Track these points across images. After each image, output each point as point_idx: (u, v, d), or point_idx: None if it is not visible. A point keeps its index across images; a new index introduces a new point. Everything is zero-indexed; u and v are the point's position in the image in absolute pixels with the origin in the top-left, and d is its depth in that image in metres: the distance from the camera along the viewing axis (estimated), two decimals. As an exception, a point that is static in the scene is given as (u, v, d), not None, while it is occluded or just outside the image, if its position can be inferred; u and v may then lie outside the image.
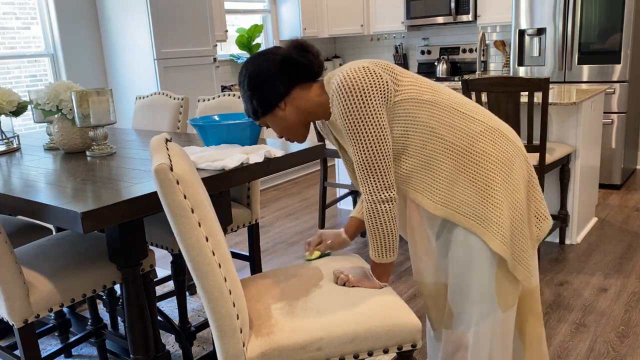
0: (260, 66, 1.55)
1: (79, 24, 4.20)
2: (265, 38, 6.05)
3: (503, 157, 1.55)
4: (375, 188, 1.49)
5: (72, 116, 2.19)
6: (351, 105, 1.45)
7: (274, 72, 1.54)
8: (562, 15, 4.48)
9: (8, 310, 1.60)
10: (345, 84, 1.46)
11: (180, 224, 1.25)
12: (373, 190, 1.49)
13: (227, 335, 1.33)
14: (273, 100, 1.56)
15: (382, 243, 1.53)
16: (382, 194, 1.49)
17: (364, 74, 1.47)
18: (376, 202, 1.49)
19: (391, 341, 1.45)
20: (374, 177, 1.49)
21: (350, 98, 1.45)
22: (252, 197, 2.49)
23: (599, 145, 3.87)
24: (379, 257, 1.55)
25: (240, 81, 1.59)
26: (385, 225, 1.51)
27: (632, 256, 3.23)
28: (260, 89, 1.55)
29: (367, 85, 1.46)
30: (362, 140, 1.47)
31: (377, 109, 1.47)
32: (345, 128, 1.48)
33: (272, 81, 1.54)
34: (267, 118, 1.60)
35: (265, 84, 1.54)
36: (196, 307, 2.93)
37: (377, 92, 1.47)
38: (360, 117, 1.45)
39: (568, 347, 2.36)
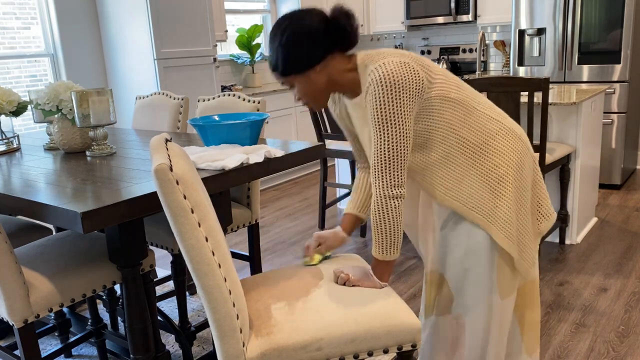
0: (306, 23, 1.49)
1: (79, 24, 4.20)
2: (265, 38, 6.05)
3: (515, 156, 1.60)
4: (389, 183, 1.50)
5: (72, 116, 2.19)
6: (388, 101, 1.45)
7: (320, 33, 1.50)
8: (562, 15, 4.48)
9: (8, 310, 1.60)
10: (387, 79, 1.45)
11: (180, 224, 1.25)
12: (385, 186, 1.50)
13: (227, 335, 1.33)
14: (310, 62, 1.51)
15: (387, 240, 1.53)
16: (393, 190, 1.50)
17: (406, 72, 1.47)
18: (387, 197, 1.50)
19: (391, 341, 1.45)
20: (390, 172, 1.50)
21: (390, 93, 1.45)
22: (252, 197, 2.50)
23: (599, 145, 3.87)
24: (382, 254, 1.55)
25: (276, 33, 1.51)
26: (392, 222, 1.52)
27: (632, 256, 3.23)
28: (300, 47, 1.49)
29: (407, 84, 1.46)
30: (387, 136, 1.48)
31: (409, 108, 1.48)
32: (375, 120, 1.48)
33: (314, 42, 1.50)
34: (296, 78, 1.54)
35: (307, 44, 1.49)
36: (196, 307, 2.93)
37: (414, 91, 1.48)
38: (392, 114, 1.46)
39: (568, 347, 2.36)
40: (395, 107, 1.46)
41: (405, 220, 1.84)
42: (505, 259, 1.62)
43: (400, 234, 1.55)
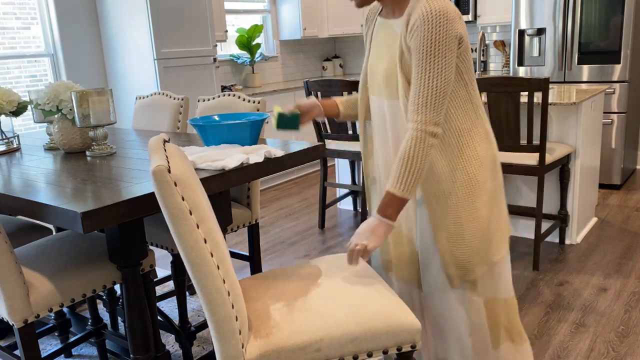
0: None
1: (79, 24, 4.20)
2: (265, 38, 6.05)
3: (494, 160, 1.66)
4: (430, 119, 1.47)
5: (72, 116, 2.19)
6: (441, 34, 1.44)
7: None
8: (562, 15, 4.48)
9: (8, 310, 1.60)
10: (443, 13, 1.45)
11: (179, 225, 1.25)
12: (427, 121, 1.47)
13: (226, 336, 1.33)
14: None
15: (412, 177, 1.48)
16: (433, 128, 1.48)
17: (457, 14, 1.49)
18: (426, 133, 1.47)
19: (390, 342, 1.45)
20: (433, 108, 1.47)
21: (443, 27, 1.44)
22: (252, 197, 2.50)
23: (599, 145, 3.87)
24: (402, 191, 1.49)
25: None
26: (423, 160, 1.48)
27: (632, 256, 3.23)
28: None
29: (458, 24, 1.48)
30: (434, 68, 1.46)
31: (455, 48, 1.49)
32: (423, 52, 1.46)
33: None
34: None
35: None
36: (196, 307, 2.93)
37: (459, 35, 1.49)
38: (442, 48, 1.45)
39: (568, 347, 2.36)
40: (446, 42, 1.45)
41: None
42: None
43: (424, 175, 1.54)
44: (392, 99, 1.61)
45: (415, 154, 1.47)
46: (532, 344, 2.40)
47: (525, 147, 3.00)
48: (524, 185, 3.55)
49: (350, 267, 1.70)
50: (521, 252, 3.40)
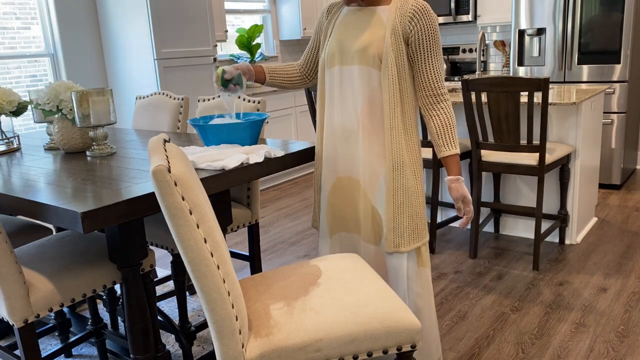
0: None
1: (79, 24, 4.20)
2: (265, 38, 6.05)
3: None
4: (447, 91, 1.88)
5: (72, 116, 2.20)
6: (436, 25, 1.82)
7: None
8: (562, 15, 4.48)
9: (8, 310, 1.60)
10: (430, 9, 1.83)
11: (179, 225, 1.25)
12: (446, 92, 1.85)
13: (226, 336, 1.33)
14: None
15: (456, 136, 1.87)
16: (449, 96, 1.90)
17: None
18: (450, 103, 1.86)
19: (390, 342, 1.45)
20: (443, 82, 1.87)
21: (435, 19, 1.83)
22: (252, 197, 2.50)
23: (599, 145, 3.87)
24: (456, 149, 1.86)
25: None
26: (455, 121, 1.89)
27: (632, 256, 3.23)
28: None
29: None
30: (439, 53, 1.84)
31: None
32: (431, 40, 1.81)
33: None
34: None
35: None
36: (196, 307, 2.93)
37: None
38: (438, 36, 1.84)
39: (568, 347, 2.36)
40: (438, 35, 1.85)
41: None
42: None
43: None
44: (367, 65, 1.86)
45: (453, 119, 1.86)
46: (532, 344, 2.40)
47: (525, 147, 3.00)
48: (524, 185, 3.55)
49: (350, 267, 1.71)
50: (521, 252, 3.40)
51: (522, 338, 2.45)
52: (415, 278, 1.92)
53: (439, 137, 1.85)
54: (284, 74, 2.13)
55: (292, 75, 2.14)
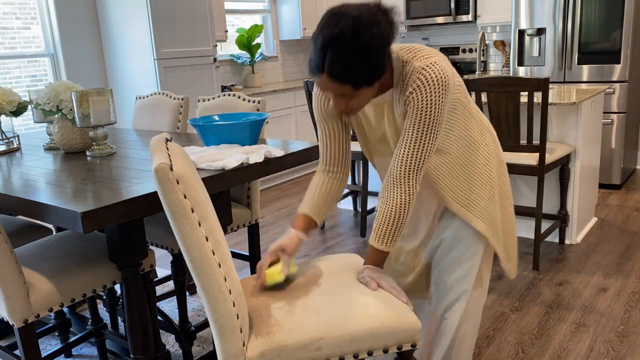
0: (384, 29, 1.38)
1: (79, 24, 4.20)
2: (265, 38, 6.06)
3: (498, 159, 1.73)
4: (417, 181, 1.53)
5: (72, 116, 2.19)
6: (438, 103, 1.46)
7: (392, 38, 1.42)
8: (562, 15, 4.48)
9: (8, 310, 1.60)
10: (443, 81, 1.45)
11: (180, 223, 1.25)
12: (415, 184, 1.53)
13: (227, 334, 1.33)
14: (384, 69, 1.42)
15: (398, 233, 1.56)
16: (417, 188, 1.54)
17: (450, 77, 1.47)
18: (414, 194, 1.53)
19: (391, 341, 1.45)
20: (419, 171, 1.52)
21: (441, 96, 1.46)
22: (252, 197, 2.50)
23: (599, 145, 3.87)
24: (391, 246, 1.57)
25: (345, 33, 1.34)
26: (408, 218, 1.56)
27: (632, 256, 3.24)
28: (380, 55, 1.39)
29: (451, 90, 1.48)
30: (427, 137, 1.49)
31: (445, 109, 1.50)
32: (420, 120, 1.47)
33: (389, 45, 1.42)
34: (364, 91, 1.43)
35: (385, 50, 1.40)
36: (196, 307, 2.93)
37: (451, 93, 1.50)
38: (437, 116, 1.48)
39: (568, 347, 2.36)
40: (441, 109, 1.47)
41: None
42: (486, 257, 1.73)
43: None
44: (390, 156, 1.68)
45: (406, 215, 1.54)
46: (532, 344, 2.40)
47: (525, 147, 3.00)
48: (524, 185, 3.55)
49: (351, 267, 1.71)
50: (521, 252, 3.40)
51: (522, 338, 2.45)
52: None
53: (376, 221, 1.57)
54: (329, 198, 1.73)
55: (333, 189, 1.74)
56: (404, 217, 1.53)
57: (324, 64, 1.36)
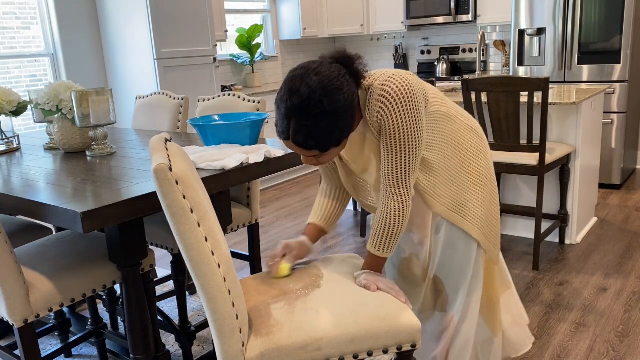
0: (347, 89, 1.42)
1: (79, 24, 4.20)
2: (265, 38, 6.06)
3: (487, 157, 1.76)
4: (409, 190, 1.55)
5: (72, 116, 2.19)
6: (408, 112, 1.47)
7: (356, 94, 1.47)
8: (562, 15, 4.48)
9: (8, 310, 1.60)
10: (404, 91, 1.46)
11: (180, 224, 1.25)
12: (406, 192, 1.55)
13: (227, 335, 1.33)
14: (352, 126, 1.47)
15: (395, 241, 1.59)
16: (410, 194, 1.57)
17: (416, 85, 1.51)
18: (407, 202, 1.56)
19: (391, 341, 1.45)
20: (409, 179, 1.54)
21: (408, 104, 1.47)
22: (252, 197, 2.50)
23: (599, 145, 3.87)
24: (388, 253, 1.60)
25: (309, 105, 1.36)
26: (404, 226, 1.59)
27: (632, 256, 3.23)
28: (346, 116, 1.42)
29: (419, 96, 1.51)
30: (408, 146, 1.51)
31: (423, 119, 1.53)
32: (394, 132, 1.49)
33: (354, 105, 1.46)
34: (332, 150, 1.47)
35: (350, 109, 1.44)
36: (196, 307, 2.93)
37: (423, 103, 1.53)
38: (412, 124, 1.49)
39: (568, 347, 2.36)
40: (415, 118, 1.49)
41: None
42: (481, 254, 1.76)
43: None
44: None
45: (402, 222, 1.57)
46: (532, 344, 2.40)
47: (525, 147, 3.00)
48: (524, 185, 3.55)
49: (351, 267, 1.71)
50: (521, 252, 3.40)
51: (522, 338, 2.45)
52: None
53: (373, 229, 1.61)
54: (339, 207, 1.80)
55: (340, 197, 1.81)
56: (399, 224, 1.56)
57: (289, 131, 1.41)
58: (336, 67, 1.44)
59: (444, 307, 1.79)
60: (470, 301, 1.75)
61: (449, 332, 1.79)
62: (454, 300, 1.76)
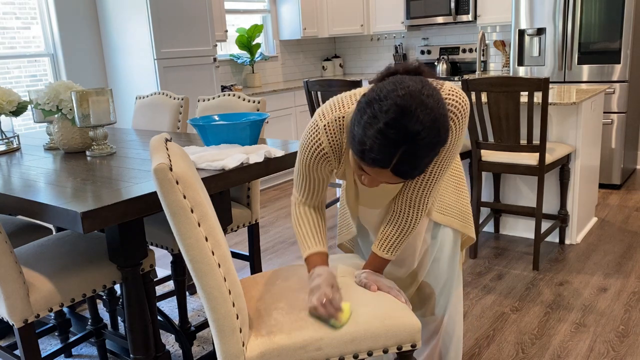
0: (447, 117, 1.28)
1: (79, 24, 4.20)
2: (265, 38, 6.06)
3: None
4: (429, 201, 1.56)
5: (72, 116, 2.19)
6: (464, 129, 1.44)
7: None
8: (562, 15, 4.48)
9: (8, 310, 1.60)
10: (465, 108, 1.42)
11: (180, 223, 1.25)
12: (427, 204, 1.56)
13: (227, 335, 1.33)
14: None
15: (404, 244, 1.62)
16: (428, 206, 1.59)
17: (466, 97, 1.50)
18: (425, 212, 1.58)
19: (390, 341, 1.45)
20: (432, 193, 1.54)
21: (465, 122, 1.43)
22: (252, 197, 2.50)
23: (599, 145, 3.87)
24: (394, 255, 1.61)
25: (434, 137, 1.20)
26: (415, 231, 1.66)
27: (632, 256, 3.23)
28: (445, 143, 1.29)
29: (467, 109, 1.47)
30: (448, 160, 1.49)
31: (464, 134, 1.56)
32: (450, 148, 1.44)
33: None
34: None
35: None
36: (196, 307, 2.93)
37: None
38: (462, 140, 1.48)
39: (568, 347, 2.36)
40: (461, 137, 1.48)
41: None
42: (459, 248, 1.80)
43: None
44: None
45: (411, 232, 1.59)
46: (532, 344, 2.40)
47: (525, 147, 3.00)
48: (524, 185, 3.55)
49: (351, 267, 1.71)
50: (521, 252, 3.40)
51: (522, 338, 2.45)
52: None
53: (383, 233, 1.58)
54: (322, 223, 1.65)
55: (320, 214, 1.66)
56: (412, 232, 1.58)
57: (391, 161, 1.21)
58: (433, 84, 1.26)
59: (432, 310, 1.80)
60: (457, 300, 1.79)
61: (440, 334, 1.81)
62: (443, 302, 1.78)
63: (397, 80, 1.23)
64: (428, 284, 1.78)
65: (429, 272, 1.77)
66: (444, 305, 1.78)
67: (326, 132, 1.45)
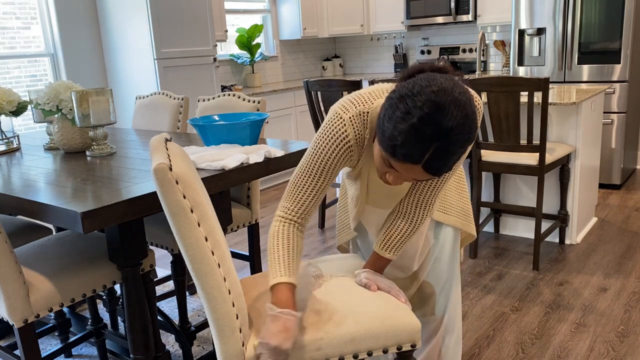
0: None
1: (79, 24, 4.20)
2: (265, 38, 6.06)
3: None
4: (434, 204, 1.58)
5: (72, 116, 2.19)
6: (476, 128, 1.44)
7: None
8: (562, 15, 4.48)
9: (8, 310, 1.60)
10: (479, 108, 1.46)
11: (180, 223, 1.25)
12: (432, 207, 1.58)
13: (227, 334, 1.33)
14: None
15: (406, 244, 1.62)
16: (434, 208, 1.63)
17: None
18: (430, 214, 1.59)
19: (390, 341, 1.45)
20: (438, 196, 1.57)
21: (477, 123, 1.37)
22: (252, 197, 2.50)
23: (599, 145, 3.87)
24: (396, 254, 1.61)
25: (467, 133, 1.19)
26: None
27: (632, 256, 3.23)
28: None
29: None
30: (453, 173, 1.56)
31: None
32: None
33: None
34: None
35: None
36: (196, 307, 2.93)
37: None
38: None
39: (568, 347, 2.36)
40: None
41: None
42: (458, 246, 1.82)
43: None
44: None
45: (414, 233, 1.60)
46: (532, 344, 2.40)
47: (525, 147, 3.00)
48: (524, 185, 3.55)
49: (350, 267, 1.71)
50: (521, 252, 3.40)
51: (522, 338, 2.45)
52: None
53: (387, 233, 1.57)
54: (300, 253, 1.50)
55: (300, 242, 1.51)
56: (415, 232, 1.59)
57: (424, 157, 1.19)
58: (461, 81, 1.26)
59: (432, 310, 1.81)
60: (457, 299, 1.79)
61: (440, 333, 1.81)
62: (443, 301, 1.79)
63: (429, 77, 1.22)
64: (429, 284, 1.78)
65: (430, 271, 1.78)
66: (444, 304, 1.79)
67: (352, 123, 1.41)
